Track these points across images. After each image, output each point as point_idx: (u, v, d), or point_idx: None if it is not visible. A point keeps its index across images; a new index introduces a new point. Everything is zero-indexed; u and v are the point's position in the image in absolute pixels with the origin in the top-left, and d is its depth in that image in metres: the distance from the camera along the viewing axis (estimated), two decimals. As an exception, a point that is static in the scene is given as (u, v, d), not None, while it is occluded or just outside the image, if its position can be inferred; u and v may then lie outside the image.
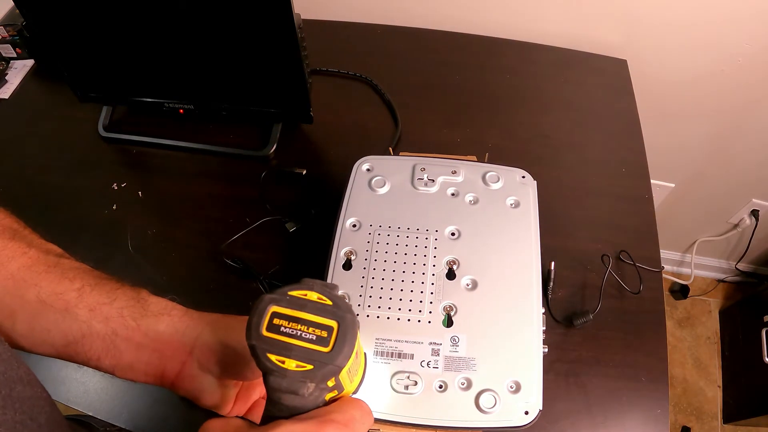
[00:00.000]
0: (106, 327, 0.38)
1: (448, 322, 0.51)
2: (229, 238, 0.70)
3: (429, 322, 0.51)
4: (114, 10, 0.68)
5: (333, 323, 0.30)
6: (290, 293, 0.32)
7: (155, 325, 0.40)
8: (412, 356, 0.50)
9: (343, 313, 0.31)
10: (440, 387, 0.48)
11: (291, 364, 0.30)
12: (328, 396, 0.33)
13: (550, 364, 0.59)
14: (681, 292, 1.60)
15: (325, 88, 0.87)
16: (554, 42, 0.96)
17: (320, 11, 0.99)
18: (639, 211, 0.74)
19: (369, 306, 0.52)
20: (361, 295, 0.53)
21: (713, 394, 1.47)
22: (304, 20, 0.69)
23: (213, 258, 0.69)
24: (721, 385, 1.48)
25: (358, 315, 0.51)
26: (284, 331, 0.30)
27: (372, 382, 0.49)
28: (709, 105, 1.02)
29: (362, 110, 0.86)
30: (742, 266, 1.54)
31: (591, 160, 0.80)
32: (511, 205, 0.58)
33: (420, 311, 0.52)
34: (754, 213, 1.29)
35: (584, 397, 0.59)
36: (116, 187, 0.77)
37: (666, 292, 1.64)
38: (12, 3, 0.70)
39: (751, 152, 1.12)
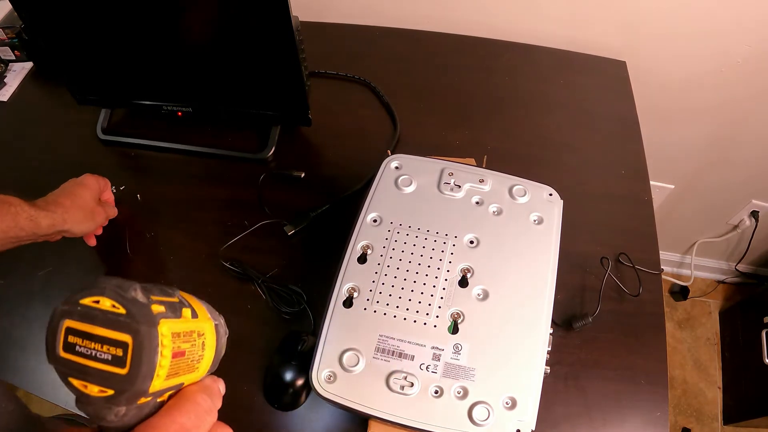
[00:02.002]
0: None
1: (454, 329, 0.51)
2: (228, 241, 0.70)
3: (435, 326, 0.51)
4: (112, 13, 0.68)
5: (127, 338, 0.26)
6: (81, 301, 0.27)
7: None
8: (412, 357, 0.50)
9: (137, 324, 0.26)
10: (436, 392, 0.48)
11: (93, 389, 0.26)
12: (164, 397, 0.29)
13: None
14: (681, 293, 1.60)
15: (324, 91, 0.87)
16: (553, 43, 0.96)
17: (318, 13, 0.99)
18: (638, 213, 0.74)
19: (378, 302, 0.52)
20: (371, 290, 0.53)
21: (713, 395, 1.47)
22: (302, 22, 0.69)
23: (212, 261, 0.69)
24: (721, 386, 1.48)
25: (365, 309, 0.52)
26: (79, 350, 0.26)
27: (368, 378, 0.49)
28: (709, 106, 1.02)
29: (361, 113, 0.86)
30: (742, 267, 1.54)
31: (590, 161, 0.80)
32: (535, 221, 0.58)
33: (427, 314, 0.52)
34: (754, 214, 1.29)
35: (583, 400, 0.59)
36: (115, 190, 0.77)
37: (666, 294, 1.64)
38: (10, 5, 0.69)
39: (751, 153, 1.12)
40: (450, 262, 0.54)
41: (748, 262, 1.51)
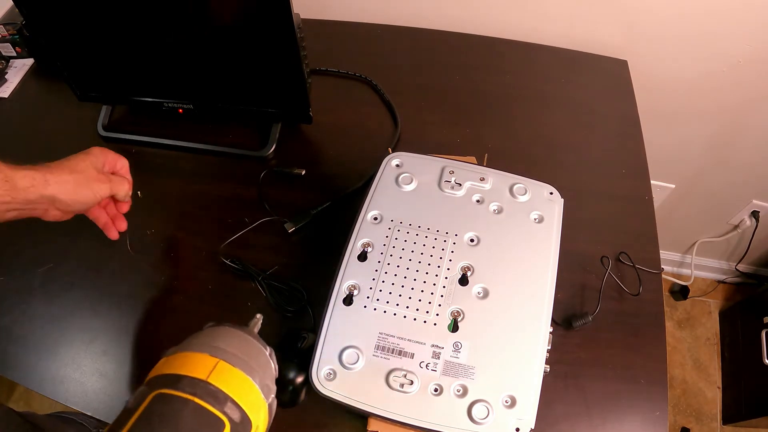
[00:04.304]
0: None
1: (454, 327, 0.51)
2: (228, 238, 0.70)
3: (435, 324, 0.51)
4: (113, 9, 0.68)
5: None
6: None
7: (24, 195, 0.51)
8: (412, 356, 0.50)
9: None
10: (435, 390, 0.48)
11: None
12: None
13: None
14: (681, 293, 1.60)
15: (325, 88, 0.86)
16: (554, 42, 0.96)
17: (320, 11, 0.99)
18: (639, 212, 0.74)
19: (378, 300, 0.52)
20: (371, 288, 0.53)
21: (713, 395, 1.47)
22: (303, 20, 0.69)
23: (212, 258, 0.69)
24: (720, 386, 1.48)
25: (365, 307, 0.52)
26: None
27: (368, 375, 0.49)
28: (710, 105, 1.02)
29: (362, 110, 0.86)
30: (742, 267, 1.54)
31: (591, 160, 0.80)
32: (535, 219, 0.58)
33: (427, 312, 0.52)
34: (755, 214, 1.29)
35: (583, 399, 0.59)
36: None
37: (666, 293, 1.64)
38: (12, 2, 0.69)
39: (752, 153, 1.12)
40: (450, 260, 0.54)
41: (749, 262, 1.51)
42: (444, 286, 0.53)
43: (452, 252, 0.55)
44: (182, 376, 0.25)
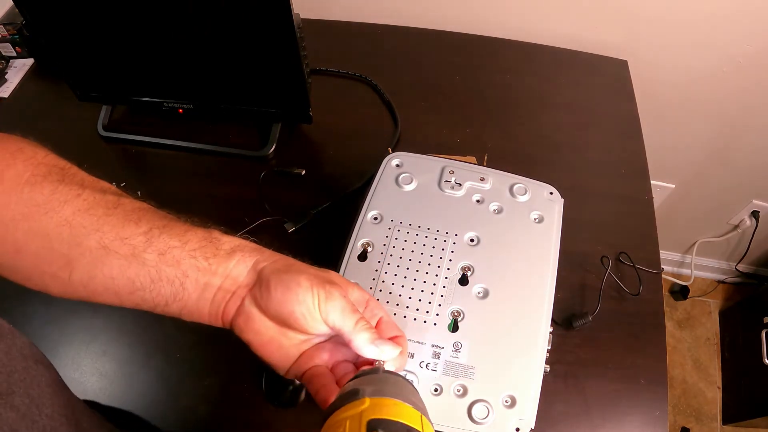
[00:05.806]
0: (176, 270, 0.37)
1: (454, 327, 0.51)
2: (228, 238, 0.70)
3: (435, 324, 0.51)
4: (113, 10, 0.68)
5: None
6: None
7: (226, 262, 0.39)
8: (412, 355, 0.50)
9: None
10: (435, 390, 0.48)
11: None
12: None
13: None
14: (681, 293, 1.60)
15: (325, 88, 0.86)
16: (554, 42, 0.96)
17: (320, 11, 0.99)
18: (639, 212, 0.74)
19: (378, 299, 0.52)
20: (371, 288, 0.53)
21: (713, 395, 1.47)
22: (303, 20, 0.69)
23: (212, 258, 0.69)
24: (720, 386, 1.48)
25: None
26: None
27: None
28: (710, 106, 1.02)
29: (362, 110, 0.86)
30: (742, 267, 1.54)
31: (591, 160, 0.80)
32: (535, 219, 0.58)
33: (427, 312, 0.51)
34: (755, 214, 1.29)
35: (583, 399, 0.59)
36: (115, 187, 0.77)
37: (666, 293, 1.64)
38: (12, 2, 0.69)
39: (752, 153, 1.12)
40: (450, 260, 0.54)
41: (749, 262, 1.51)
42: (444, 286, 0.53)
43: (452, 252, 0.55)
44: (409, 428, 0.29)
